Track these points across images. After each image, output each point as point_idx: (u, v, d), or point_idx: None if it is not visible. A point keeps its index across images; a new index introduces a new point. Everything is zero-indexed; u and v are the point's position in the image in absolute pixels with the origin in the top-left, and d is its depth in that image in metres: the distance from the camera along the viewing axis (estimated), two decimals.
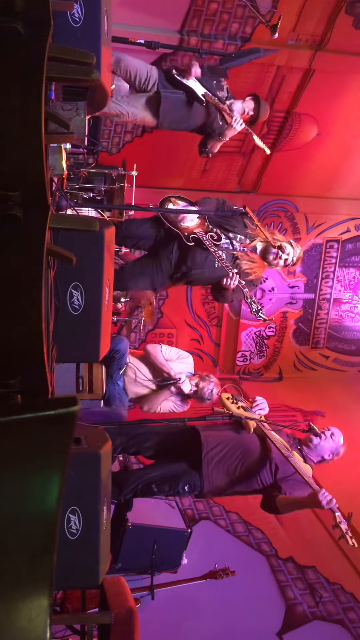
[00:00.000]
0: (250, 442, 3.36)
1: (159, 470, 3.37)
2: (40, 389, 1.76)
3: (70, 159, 3.96)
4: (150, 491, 3.34)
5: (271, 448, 3.29)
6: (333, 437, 3.36)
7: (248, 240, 3.66)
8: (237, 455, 3.31)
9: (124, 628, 2.67)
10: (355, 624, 4.27)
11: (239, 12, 5.15)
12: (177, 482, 3.30)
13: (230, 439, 3.36)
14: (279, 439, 3.29)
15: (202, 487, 3.30)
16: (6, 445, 0.95)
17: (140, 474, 3.41)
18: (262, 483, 3.27)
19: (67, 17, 2.18)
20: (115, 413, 3.81)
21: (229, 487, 3.34)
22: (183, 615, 4.04)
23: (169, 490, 3.34)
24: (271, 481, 3.26)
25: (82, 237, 2.31)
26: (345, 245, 7.68)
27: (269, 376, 7.85)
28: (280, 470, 3.25)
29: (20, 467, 0.99)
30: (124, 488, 3.33)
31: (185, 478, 3.30)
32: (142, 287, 4.07)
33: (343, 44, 5.48)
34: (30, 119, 1.45)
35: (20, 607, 1.04)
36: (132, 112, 3.71)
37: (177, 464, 3.35)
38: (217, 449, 3.32)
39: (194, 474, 3.30)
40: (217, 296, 3.78)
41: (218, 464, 3.29)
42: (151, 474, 3.37)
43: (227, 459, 3.30)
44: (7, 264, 1.61)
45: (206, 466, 3.27)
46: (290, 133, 6.37)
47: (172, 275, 3.74)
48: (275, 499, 3.15)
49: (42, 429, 0.96)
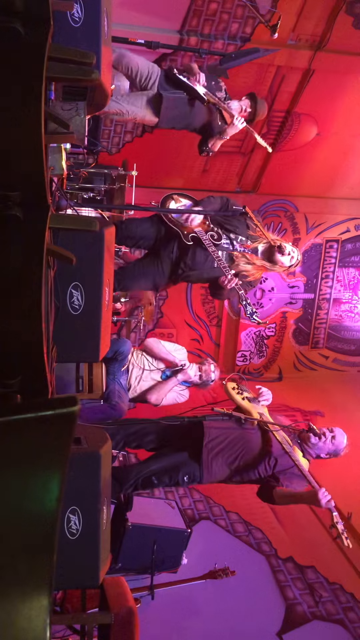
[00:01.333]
0: (251, 436, 3.41)
1: (159, 462, 3.41)
2: (40, 389, 1.76)
3: (70, 159, 3.96)
4: (150, 484, 3.40)
5: (272, 442, 3.33)
6: (334, 440, 3.36)
7: (249, 242, 3.66)
8: (238, 448, 3.36)
9: (124, 628, 2.67)
10: (355, 624, 4.27)
11: (238, 12, 5.15)
12: (177, 473, 3.35)
13: (231, 432, 3.40)
14: (281, 433, 3.33)
15: (201, 477, 3.35)
16: (6, 445, 0.95)
17: (140, 468, 3.45)
18: (260, 475, 3.34)
19: (67, 17, 2.18)
20: (115, 409, 3.81)
21: (228, 478, 3.40)
22: (183, 615, 4.04)
23: (169, 482, 3.39)
24: (269, 474, 3.33)
25: (82, 237, 2.30)
26: (344, 245, 7.68)
27: (268, 376, 7.85)
28: (278, 463, 3.31)
29: (20, 467, 0.99)
30: (125, 483, 3.37)
31: (185, 469, 3.35)
32: (143, 288, 4.07)
33: (343, 44, 5.49)
34: (30, 119, 1.45)
35: (20, 607, 1.04)
36: (132, 111, 3.71)
37: (177, 455, 3.40)
38: (218, 439, 3.37)
39: (193, 465, 3.35)
40: (214, 293, 3.80)
41: (218, 455, 3.34)
42: (151, 467, 3.41)
43: (228, 450, 3.35)
44: (7, 264, 1.61)
45: (206, 455, 3.33)
46: (290, 133, 6.37)
47: (172, 275, 3.74)
48: (273, 489, 3.22)
49: (42, 429, 0.96)
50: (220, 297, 3.81)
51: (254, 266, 3.62)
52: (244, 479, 3.39)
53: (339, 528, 2.89)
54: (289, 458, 3.21)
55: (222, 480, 3.42)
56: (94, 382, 3.77)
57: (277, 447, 3.30)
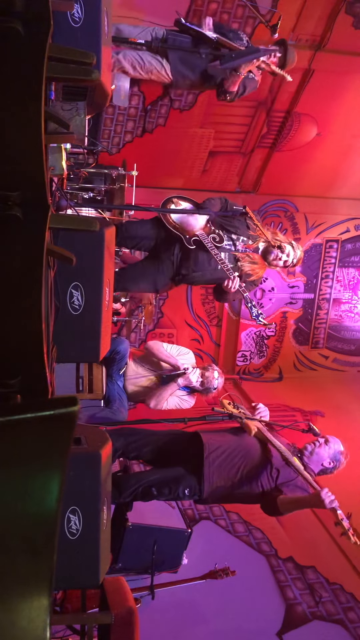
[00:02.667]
0: (251, 447, 3.35)
1: (160, 473, 3.34)
2: (40, 389, 1.76)
3: (70, 159, 3.95)
4: (150, 494, 3.30)
5: (272, 453, 3.27)
6: (328, 443, 3.32)
7: (251, 242, 3.66)
8: (239, 459, 3.29)
9: (124, 628, 2.68)
10: (355, 624, 4.27)
11: (239, 12, 5.15)
12: (177, 485, 3.27)
13: (231, 443, 3.35)
14: (280, 444, 3.28)
15: (202, 490, 3.27)
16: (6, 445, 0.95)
17: (141, 477, 3.38)
18: (263, 487, 3.25)
19: (67, 17, 2.18)
20: (117, 414, 3.81)
21: (229, 491, 3.31)
22: (183, 615, 4.04)
23: (169, 494, 3.30)
24: (272, 486, 3.24)
25: (82, 237, 2.31)
26: (344, 245, 7.68)
27: (269, 376, 7.85)
28: (281, 475, 3.23)
29: (20, 467, 0.99)
30: (124, 491, 3.30)
31: (185, 482, 3.28)
32: (144, 289, 4.06)
33: (343, 44, 5.48)
34: (30, 119, 1.45)
35: (20, 607, 1.04)
36: (148, 62, 3.71)
37: (177, 468, 3.33)
38: (218, 451, 3.30)
39: (194, 478, 3.28)
40: (219, 297, 3.79)
41: (219, 467, 3.27)
42: (151, 477, 3.34)
43: (229, 462, 3.28)
44: (7, 264, 1.61)
45: (207, 468, 3.25)
46: (290, 133, 6.37)
47: (174, 277, 3.74)
48: (276, 499, 3.13)
49: (42, 429, 0.96)
50: (224, 300, 3.80)
51: (257, 265, 3.62)
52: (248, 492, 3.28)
53: (345, 525, 2.84)
54: (290, 468, 3.16)
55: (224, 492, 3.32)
56: (94, 383, 3.77)
57: (277, 456, 3.23)
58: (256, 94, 5.70)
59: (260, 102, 6.02)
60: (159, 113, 5.82)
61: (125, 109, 5.62)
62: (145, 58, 3.71)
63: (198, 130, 6.06)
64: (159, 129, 5.92)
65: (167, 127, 5.91)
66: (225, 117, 6.08)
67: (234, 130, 6.26)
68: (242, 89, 3.82)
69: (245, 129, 6.27)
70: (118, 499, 3.34)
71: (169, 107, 5.78)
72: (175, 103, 5.78)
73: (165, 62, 3.73)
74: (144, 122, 5.83)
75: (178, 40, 3.71)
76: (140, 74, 3.80)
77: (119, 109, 5.61)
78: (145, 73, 3.78)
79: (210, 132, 6.12)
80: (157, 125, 5.90)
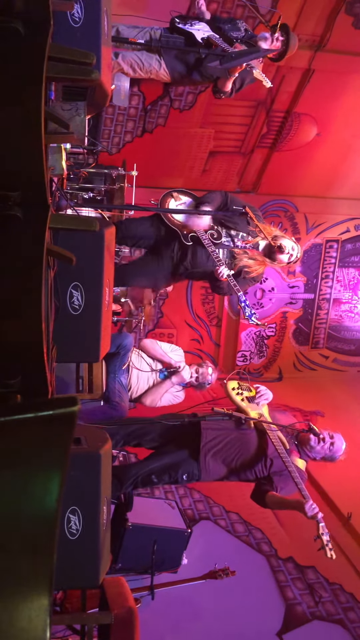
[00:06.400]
0: (248, 437, 3.43)
1: (159, 461, 3.45)
2: (40, 389, 1.76)
3: (70, 159, 3.96)
4: (150, 481, 3.43)
5: (268, 444, 3.35)
6: (332, 446, 3.38)
7: (250, 237, 3.67)
8: (235, 449, 3.39)
9: (124, 628, 2.68)
10: (355, 624, 4.26)
11: (238, 12, 5.15)
12: (176, 471, 3.39)
13: (228, 433, 3.43)
14: (278, 434, 3.35)
15: (199, 476, 3.41)
16: (6, 445, 0.96)
17: (140, 466, 3.48)
18: (256, 475, 3.38)
19: (67, 17, 2.18)
20: (116, 409, 3.82)
21: (225, 478, 3.45)
22: (183, 615, 4.04)
23: (169, 480, 3.43)
24: (265, 474, 3.36)
25: (82, 237, 2.31)
26: (344, 246, 7.68)
27: (268, 376, 7.84)
28: (274, 464, 3.34)
29: (20, 467, 0.99)
30: (125, 481, 3.39)
31: (184, 467, 3.39)
32: (144, 285, 4.07)
33: (343, 44, 5.49)
34: (30, 119, 1.45)
35: (20, 607, 1.04)
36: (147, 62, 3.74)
37: (176, 454, 3.43)
38: (215, 441, 3.40)
39: (192, 464, 3.39)
40: (215, 287, 3.80)
41: (215, 456, 3.38)
42: (151, 465, 3.44)
43: (225, 451, 3.39)
44: (7, 264, 1.61)
45: (204, 457, 3.37)
46: (290, 133, 6.37)
47: (174, 273, 3.75)
48: (266, 493, 3.25)
49: (42, 429, 0.96)
50: (220, 292, 3.80)
51: (255, 261, 3.63)
52: (241, 477, 3.43)
53: (324, 540, 2.92)
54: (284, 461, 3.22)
55: (220, 479, 3.47)
56: (94, 382, 3.77)
57: (272, 448, 3.33)
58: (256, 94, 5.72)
59: (260, 102, 6.02)
60: (159, 113, 5.82)
61: (125, 109, 5.62)
62: (144, 59, 3.72)
63: (198, 130, 6.06)
64: (159, 129, 5.92)
65: (167, 127, 5.91)
66: (225, 117, 6.09)
67: (233, 130, 6.27)
68: (240, 83, 3.83)
69: (245, 129, 6.27)
70: (119, 489, 3.42)
71: (169, 107, 5.79)
72: (175, 103, 5.78)
73: (162, 61, 3.75)
74: (144, 122, 5.83)
75: (172, 40, 3.72)
76: (140, 75, 3.82)
77: (119, 109, 5.61)
78: (145, 73, 3.80)
79: (210, 132, 6.12)
80: (157, 125, 5.90)
